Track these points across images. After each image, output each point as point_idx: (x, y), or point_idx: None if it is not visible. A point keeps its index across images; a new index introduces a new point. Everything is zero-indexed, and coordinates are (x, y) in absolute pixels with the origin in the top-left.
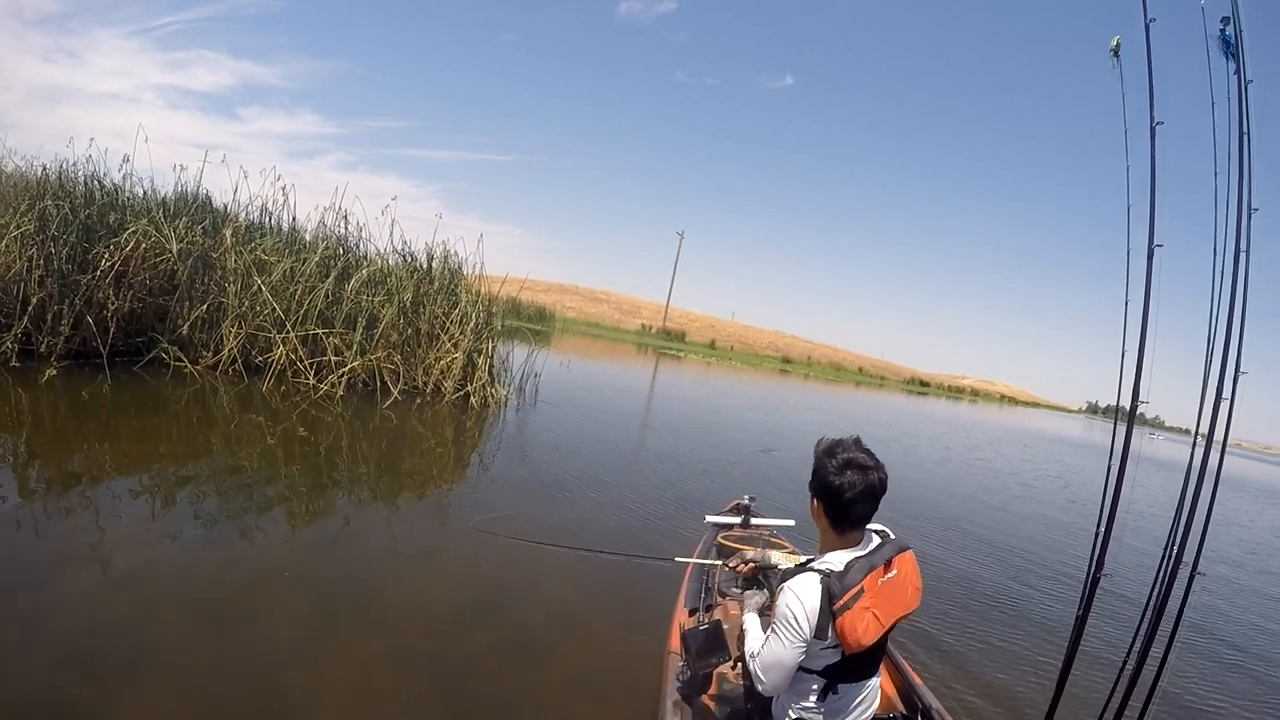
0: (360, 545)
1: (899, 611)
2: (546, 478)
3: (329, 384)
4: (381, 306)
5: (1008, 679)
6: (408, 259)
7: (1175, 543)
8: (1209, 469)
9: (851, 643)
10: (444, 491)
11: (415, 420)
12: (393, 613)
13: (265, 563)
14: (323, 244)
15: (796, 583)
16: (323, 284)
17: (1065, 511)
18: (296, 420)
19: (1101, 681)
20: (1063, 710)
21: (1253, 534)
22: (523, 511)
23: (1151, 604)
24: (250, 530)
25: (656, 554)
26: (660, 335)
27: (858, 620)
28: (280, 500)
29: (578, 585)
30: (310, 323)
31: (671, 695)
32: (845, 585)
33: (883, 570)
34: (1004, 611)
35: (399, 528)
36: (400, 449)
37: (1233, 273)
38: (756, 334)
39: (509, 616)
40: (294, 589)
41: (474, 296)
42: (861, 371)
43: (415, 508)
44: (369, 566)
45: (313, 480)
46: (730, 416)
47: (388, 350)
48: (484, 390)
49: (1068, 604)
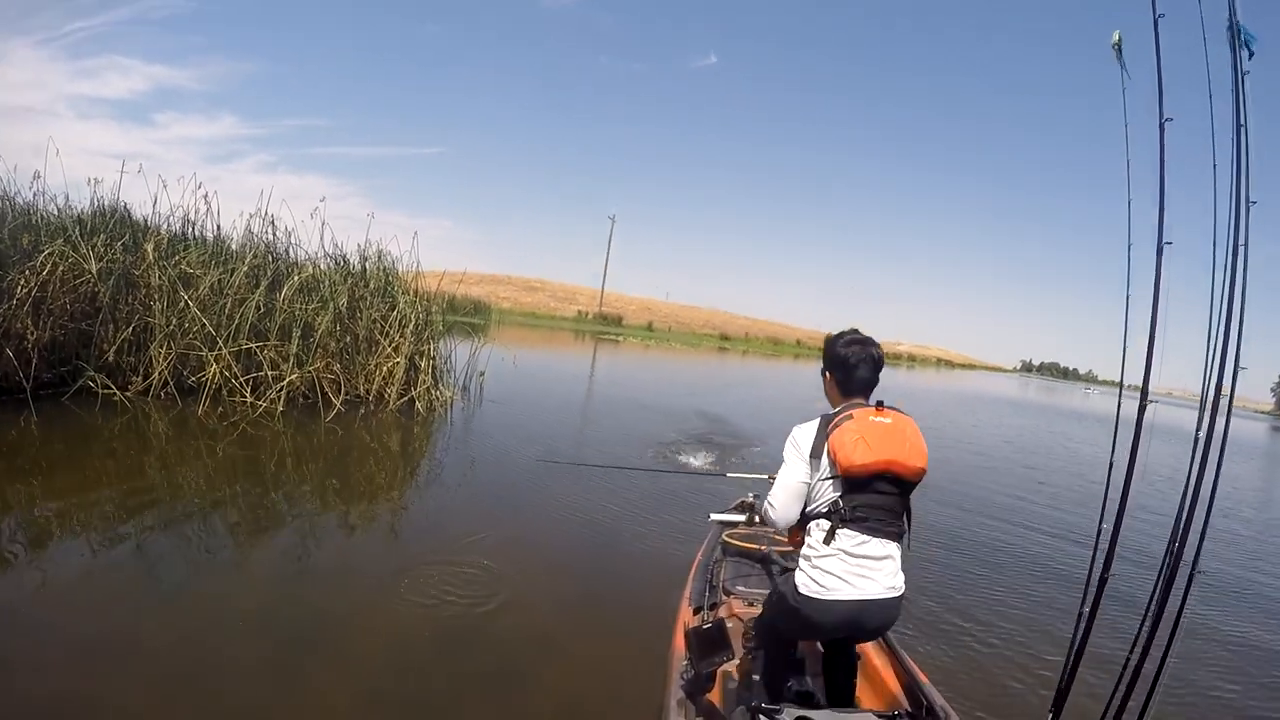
0: (317, 575)
1: (894, 454)
2: (498, 485)
3: (268, 400)
4: (316, 314)
5: (999, 671)
6: (340, 262)
7: (1177, 539)
8: (1209, 468)
9: (842, 459)
10: (397, 509)
11: (361, 432)
12: (361, 650)
13: (216, 605)
14: (250, 252)
15: (801, 423)
16: (253, 295)
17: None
18: (237, 442)
19: (1103, 676)
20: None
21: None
22: (476, 522)
23: (1152, 604)
24: (197, 568)
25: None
26: (597, 321)
27: (846, 436)
28: (226, 531)
29: (557, 600)
30: (243, 337)
31: (675, 694)
32: (836, 414)
33: (874, 411)
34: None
35: (355, 553)
36: (348, 465)
37: (1231, 267)
38: (692, 313)
39: (486, 640)
40: (250, 634)
41: (412, 297)
42: (800, 344)
43: (370, 529)
44: (329, 598)
45: (259, 506)
46: (675, 403)
47: (326, 360)
48: (429, 394)
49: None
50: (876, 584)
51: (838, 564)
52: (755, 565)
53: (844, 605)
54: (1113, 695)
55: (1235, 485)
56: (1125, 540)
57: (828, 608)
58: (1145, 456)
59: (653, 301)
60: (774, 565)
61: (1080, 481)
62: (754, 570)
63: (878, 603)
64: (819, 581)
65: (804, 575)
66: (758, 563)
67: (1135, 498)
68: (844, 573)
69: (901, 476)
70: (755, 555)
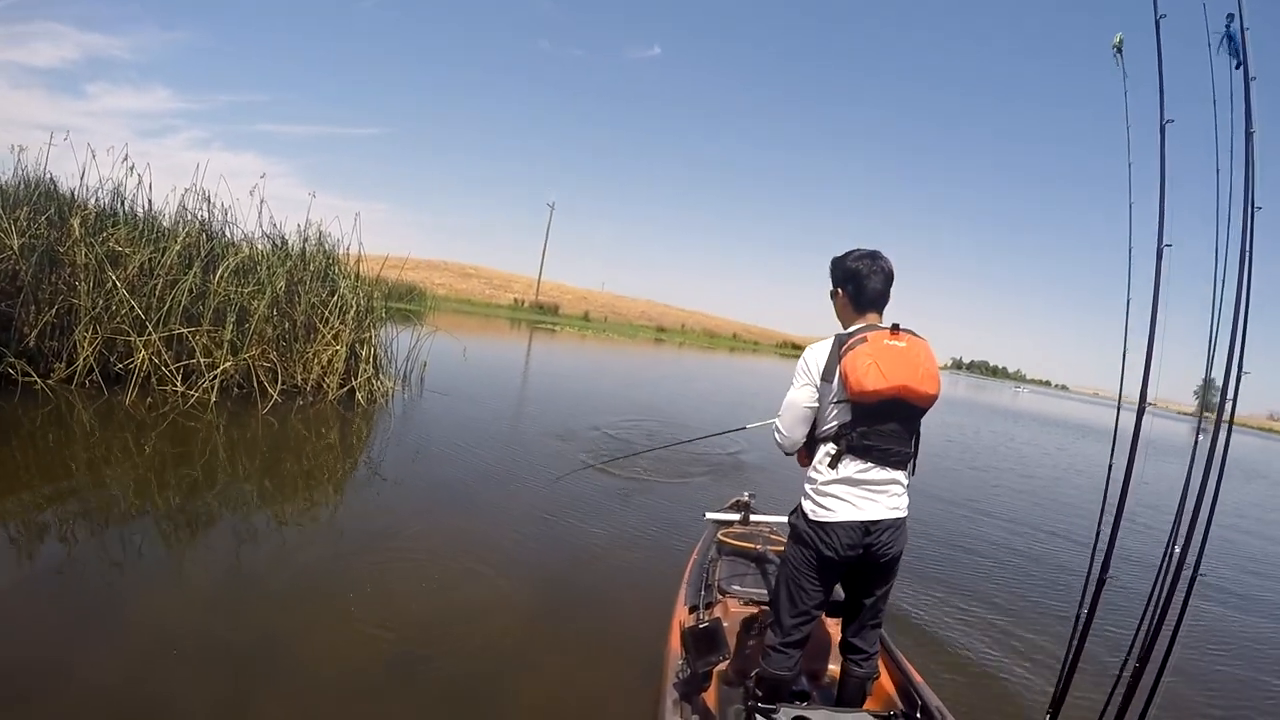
0: (257, 589)
1: (907, 379)
2: (445, 480)
3: (200, 390)
4: (252, 298)
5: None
6: (278, 243)
7: (1176, 543)
8: (1212, 469)
9: (853, 383)
10: (341, 510)
11: (299, 425)
12: (309, 673)
13: (148, 634)
14: (184, 230)
15: (815, 344)
16: (186, 276)
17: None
18: (167, 435)
19: (1103, 678)
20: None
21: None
22: (422, 520)
23: (1151, 605)
24: (126, 581)
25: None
26: (534, 310)
27: (859, 360)
28: (158, 537)
29: (516, 609)
30: (174, 321)
31: (671, 694)
32: (852, 336)
33: (889, 334)
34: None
35: (297, 560)
36: (286, 461)
37: (1238, 272)
38: (629, 304)
39: (448, 653)
40: (189, 667)
41: (353, 281)
42: (735, 337)
43: (312, 533)
44: (272, 615)
45: (191, 509)
46: (613, 399)
47: (262, 347)
48: (370, 384)
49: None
50: (880, 506)
51: (842, 488)
52: (751, 564)
53: (850, 526)
54: (1110, 696)
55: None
56: (1125, 542)
57: (834, 529)
58: (1143, 460)
59: (589, 291)
60: (769, 564)
61: (1030, 483)
62: (749, 569)
63: (882, 523)
64: (825, 505)
65: (810, 502)
66: (753, 562)
67: (1134, 498)
68: (848, 495)
69: (912, 403)
70: (751, 554)
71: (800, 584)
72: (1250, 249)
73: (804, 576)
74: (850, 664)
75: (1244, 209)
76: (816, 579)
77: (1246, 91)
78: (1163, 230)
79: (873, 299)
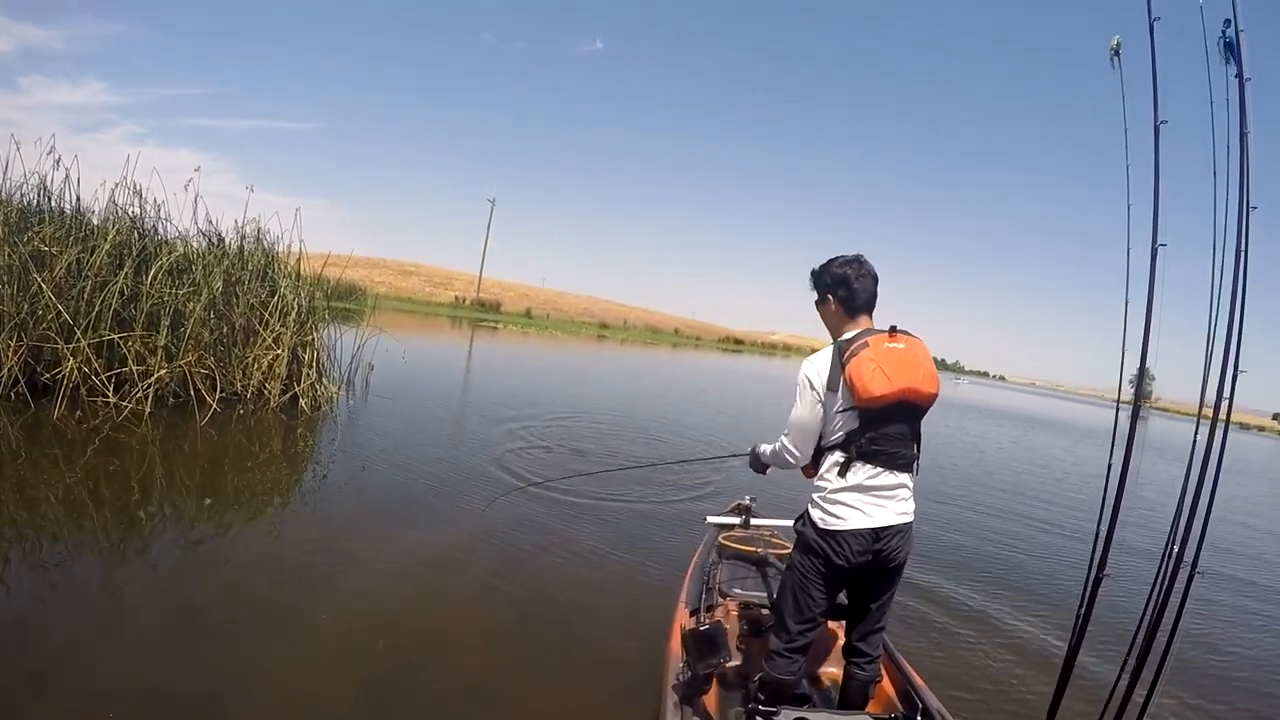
0: (205, 625)
1: (909, 380)
2: (397, 492)
3: (133, 401)
4: (188, 300)
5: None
6: (215, 241)
7: (1175, 541)
8: (1209, 469)
9: (859, 390)
10: (289, 530)
11: (240, 436)
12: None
13: (79, 693)
14: (114, 228)
15: (813, 355)
16: (117, 277)
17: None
18: (101, 450)
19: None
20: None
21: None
22: (376, 537)
23: (1151, 605)
24: (54, 631)
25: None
26: (475, 307)
27: (863, 366)
28: (91, 571)
29: (487, 629)
30: (104, 326)
31: (671, 696)
32: (852, 343)
33: (887, 337)
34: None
35: (249, 589)
36: (229, 475)
37: (1234, 272)
38: (571, 300)
39: (416, 689)
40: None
41: (294, 281)
42: (678, 333)
43: (261, 556)
44: (222, 656)
45: (129, 534)
46: (557, 399)
47: (199, 353)
48: (314, 390)
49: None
50: (889, 511)
51: (853, 496)
52: (751, 568)
53: (861, 533)
54: (1110, 697)
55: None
56: (1127, 544)
57: (845, 538)
58: (1140, 459)
59: (530, 288)
60: (770, 568)
61: (993, 477)
62: (750, 573)
63: (892, 529)
64: (835, 514)
65: (819, 511)
66: (754, 565)
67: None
68: (858, 503)
69: (915, 403)
70: (751, 558)
71: (808, 591)
72: (1246, 248)
73: (812, 584)
74: (853, 667)
75: (1239, 209)
76: (824, 586)
77: (1241, 93)
78: (1157, 230)
79: (866, 302)
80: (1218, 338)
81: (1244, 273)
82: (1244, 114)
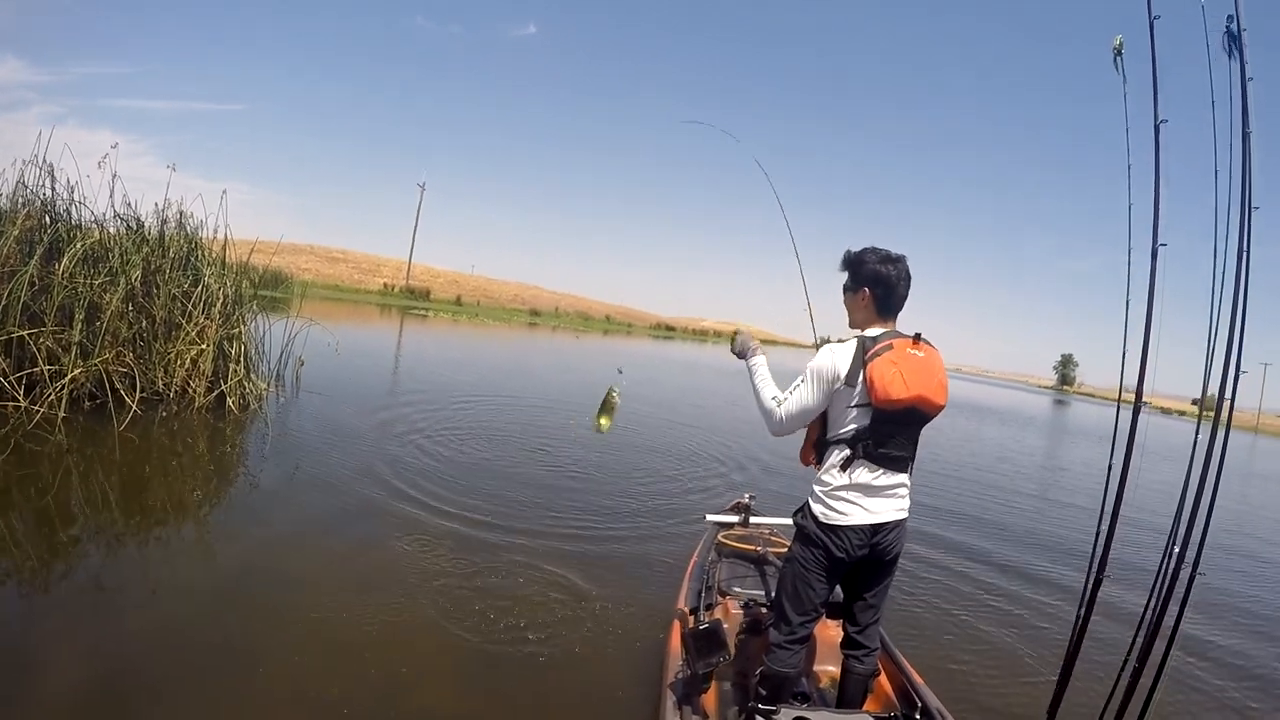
0: (128, 660)
1: (925, 389)
2: (334, 497)
3: (45, 404)
4: (104, 291)
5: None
6: (134, 226)
7: (1175, 541)
8: (1210, 470)
9: (879, 390)
10: (222, 544)
11: (164, 439)
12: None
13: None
14: (23, 212)
15: (837, 344)
16: (25, 267)
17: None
18: (11, 461)
19: (1101, 679)
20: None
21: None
22: (314, 550)
23: (1151, 606)
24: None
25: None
26: (404, 294)
27: (885, 368)
28: (13, 590)
29: (452, 667)
30: (12, 322)
31: (671, 695)
32: (877, 342)
33: (911, 343)
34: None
35: (180, 626)
36: (153, 484)
37: (1235, 272)
38: (500, 287)
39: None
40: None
41: (218, 269)
42: (609, 320)
43: (191, 575)
44: (146, 704)
45: (42, 561)
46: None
47: (117, 349)
48: (242, 387)
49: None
50: (889, 508)
51: (854, 493)
52: (751, 566)
53: (860, 528)
54: (1110, 697)
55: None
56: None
57: (845, 532)
58: (1139, 459)
59: (460, 275)
60: (769, 566)
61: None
62: (750, 571)
63: (889, 524)
64: (837, 509)
65: (821, 505)
66: (753, 564)
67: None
68: (860, 499)
69: (924, 411)
70: (751, 556)
71: (808, 583)
72: (1248, 248)
73: (812, 576)
74: (852, 661)
75: (1241, 209)
76: (824, 578)
77: (1244, 93)
78: (1157, 230)
79: (898, 305)
80: (1219, 338)
81: (1246, 273)
82: (1246, 114)
